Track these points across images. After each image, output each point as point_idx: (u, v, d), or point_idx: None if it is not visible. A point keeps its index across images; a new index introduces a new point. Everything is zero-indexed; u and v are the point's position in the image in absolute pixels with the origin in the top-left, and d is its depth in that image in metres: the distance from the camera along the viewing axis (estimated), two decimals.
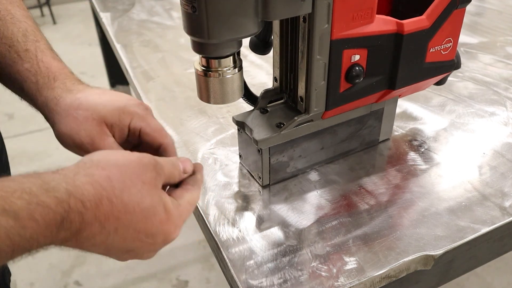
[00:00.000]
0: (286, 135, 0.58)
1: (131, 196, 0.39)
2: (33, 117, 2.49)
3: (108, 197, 0.38)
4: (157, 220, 0.41)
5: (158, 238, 0.43)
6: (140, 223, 0.40)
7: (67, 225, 0.36)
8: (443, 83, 0.71)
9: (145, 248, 0.43)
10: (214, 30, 0.46)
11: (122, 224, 0.39)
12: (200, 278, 1.62)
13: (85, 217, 0.36)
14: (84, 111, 0.51)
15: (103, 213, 0.38)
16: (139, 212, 0.40)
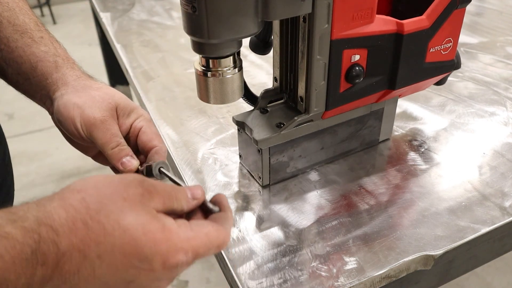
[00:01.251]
0: (286, 135, 0.58)
1: (110, 215, 0.34)
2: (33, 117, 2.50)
3: (83, 220, 0.33)
4: (149, 239, 0.35)
5: (156, 263, 0.35)
6: (127, 246, 0.34)
7: (41, 258, 0.31)
8: (443, 83, 0.71)
9: (146, 277, 0.36)
10: (214, 30, 0.46)
11: (105, 249, 0.33)
12: (200, 278, 1.61)
13: (60, 246, 0.32)
14: (104, 94, 0.52)
15: (80, 239, 0.33)
16: (122, 232, 0.34)
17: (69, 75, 0.54)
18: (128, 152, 0.50)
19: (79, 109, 0.51)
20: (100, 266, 0.34)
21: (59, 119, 0.52)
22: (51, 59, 0.54)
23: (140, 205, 0.36)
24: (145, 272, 0.35)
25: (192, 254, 0.37)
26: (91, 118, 0.50)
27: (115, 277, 0.35)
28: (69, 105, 0.51)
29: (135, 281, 0.36)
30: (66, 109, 0.51)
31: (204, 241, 0.38)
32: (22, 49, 0.54)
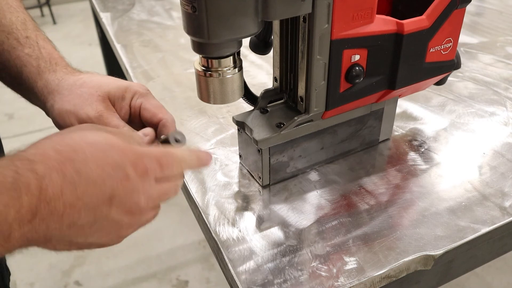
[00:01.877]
0: (286, 135, 0.58)
1: (75, 137, 0.38)
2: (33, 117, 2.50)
3: (52, 147, 0.36)
4: (116, 149, 0.38)
5: (127, 168, 0.38)
6: (98, 157, 0.37)
7: (24, 186, 0.33)
8: (443, 83, 0.71)
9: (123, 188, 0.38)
10: (214, 30, 0.46)
11: (80, 164, 0.36)
12: (200, 278, 1.62)
13: (38, 171, 0.34)
14: (89, 89, 0.51)
15: (55, 160, 0.35)
16: (90, 147, 0.37)
17: (51, 81, 0.53)
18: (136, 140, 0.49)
19: (73, 114, 0.50)
20: (79, 182, 0.36)
21: (59, 129, 0.52)
22: (34, 63, 0.53)
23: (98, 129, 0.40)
24: (121, 182, 0.38)
25: (156, 162, 0.40)
26: (87, 118, 0.49)
27: (95, 193, 0.36)
28: (63, 114, 0.51)
29: (115, 195, 0.37)
30: (62, 119, 0.51)
31: (165, 152, 0.42)
32: (9, 52, 0.53)
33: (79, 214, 0.36)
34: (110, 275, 1.62)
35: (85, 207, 0.36)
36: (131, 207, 0.39)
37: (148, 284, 1.59)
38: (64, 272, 1.62)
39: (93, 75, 0.53)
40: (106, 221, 0.38)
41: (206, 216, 0.57)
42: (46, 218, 0.35)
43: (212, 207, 0.59)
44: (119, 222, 0.39)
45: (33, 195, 0.34)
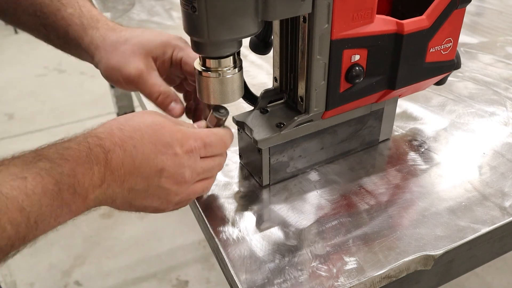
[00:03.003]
0: (286, 135, 0.58)
1: (136, 119, 0.47)
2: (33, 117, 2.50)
3: (117, 127, 0.45)
4: (167, 130, 0.47)
5: (176, 147, 0.47)
6: (152, 136, 0.46)
7: (95, 159, 0.42)
8: (443, 83, 0.71)
9: (172, 162, 0.46)
10: (214, 30, 0.46)
11: (137, 141, 0.45)
12: (200, 278, 1.62)
13: (105, 146, 0.43)
14: (131, 46, 0.55)
15: (118, 137, 0.44)
16: (146, 127, 0.46)
17: (96, 37, 0.57)
18: (172, 98, 0.54)
19: (117, 71, 0.54)
20: (136, 155, 0.44)
21: (109, 82, 0.58)
22: (77, 21, 0.57)
23: (157, 114, 0.49)
24: (170, 157, 0.46)
25: (201, 141, 0.49)
26: (129, 76, 0.54)
27: (149, 165, 0.45)
28: (109, 70, 0.55)
29: (165, 167, 0.46)
30: (109, 74, 0.56)
31: (209, 133, 0.50)
32: (54, 14, 0.58)
33: (135, 181, 0.45)
34: (110, 275, 1.62)
35: (141, 176, 0.45)
36: (177, 178, 0.47)
37: (148, 284, 1.59)
38: (64, 272, 1.62)
39: (133, 31, 0.57)
40: (157, 188, 0.47)
41: (206, 216, 0.57)
42: (111, 183, 0.44)
43: (212, 207, 0.59)
44: (167, 190, 0.48)
45: (101, 165, 0.43)
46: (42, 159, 0.39)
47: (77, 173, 0.41)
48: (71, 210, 0.41)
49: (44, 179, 0.38)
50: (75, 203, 0.41)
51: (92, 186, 0.42)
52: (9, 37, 3.61)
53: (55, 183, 0.39)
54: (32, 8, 0.58)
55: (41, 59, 3.20)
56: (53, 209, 0.39)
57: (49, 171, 0.39)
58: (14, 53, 3.40)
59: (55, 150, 0.41)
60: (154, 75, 0.54)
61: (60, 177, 0.39)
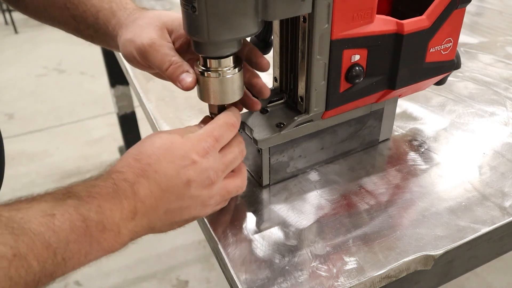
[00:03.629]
0: (286, 135, 0.58)
1: (145, 145, 0.48)
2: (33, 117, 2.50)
3: (132, 158, 0.46)
4: (177, 145, 0.47)
5: (191, 155, 0.47)
6: (167, 155, 0.46)
7: (122, 193, 0.43)
8: (443, 83, 0.71)
9: (194, 171, 0.47)
10: (214, 30, 0.46)
11: (156, 165, 0.46)
12: (200, 278, 1.62)
13: (129, 179, 0.44)
14: (150, 19, 0.55)
15: (138, 168, 0.45)
16: (158, 149, 0.47)
17: (122, 17, 0.57)
18: (184, 69, 0.51)
19: (131, 42, 0.54)
20: (160, 179, 0.45)
21: (125, 58, 0.57)
22: (107, 6, 0.58)
23: (163, 132, 0.50)
24: (191, 167, 0.47)
25: (210, 139, 0.49)
26: (141, 46, 0.53)
27: (175, 183, 0.46)
28: (125, 42, 0.55)
29: (190, 178, 0.47)
30: (124, 48, 0.55)
31: (213, 126, 0.50)
32: (83, 2, 0.58)
33: (168, 202, 0.46)
34: (110, 275, 1.62)
35: (171, 196, 0.46)
36: (204, 182, 0.48)
37: (148, 284, 1.59)
38: None
39: (159, 11, 0.57)
40: (190, 199, 0.48)
41: (205, 216, 0.57)
42: (145, 213, 0.45)
43: None
44: (200, 197, 0.48)
45: (130, 198, 0.43)
46: (71, 196, 0.41)
47: (105, 209, 0.41)
48: (102, 247, 0.42)
49: (72, 216, 0.39)
50: (106, 240, 0.42)
51: (123, 221, 0.43)
52: (9, 37, 3.61)
53: (83, 220, 0.40)
54: (63, 1, 0.59)
55: (41, 59, 3.21)
56: (81, 246, 0.40)
57: (77, 208, 0.40)
58: (14, 53, 3.40)
59: (83, 187, 0.42)
60: (167, 46, 0.53)
61: (87, 213, 0.40)
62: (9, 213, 0.37)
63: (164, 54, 0.52)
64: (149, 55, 0.53)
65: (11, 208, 0.38)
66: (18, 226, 0.36)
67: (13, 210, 0.37)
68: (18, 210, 0.38)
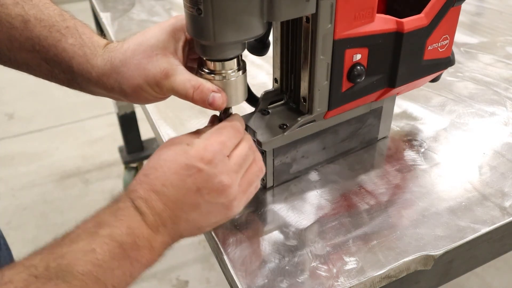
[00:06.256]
0: (290, 136, 0.58)
1: (153, 159, 0.48)
2: (33, 117, 2.50)
3: (142, 173, 0.47)
4: (180, 155, 0.47)
5: (196, 163, 0.46)
6: (172, 167, 0.46)
7: (141, 210, 0.45)
8: (437, 80, 0.71)
9: (202, 179, 0.46)
10: (220, 32, 0.46)
11: (163, 178, 0.46)
12: (200, 278, 1.62)
13: (142, 196, 0.45)
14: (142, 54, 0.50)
15: (147, 183, 0.46)
16: (163, 162, 0.47)
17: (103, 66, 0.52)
18: (208, 89, 0.49)
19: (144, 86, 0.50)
20: (169, 191, 0.46)
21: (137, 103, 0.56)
22: (80, 52, 0.52)
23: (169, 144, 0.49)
24: (197, 175, 0.46)
25: (216, 144, 0.48)
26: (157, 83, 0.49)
27: (185, 194, 0.46)
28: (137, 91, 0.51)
29: (199, 186, 0.46)
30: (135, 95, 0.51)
31: (219, 131, 0.49)
32: (54, 46, 0.53)
33: (185, 212, 0.47)
34: None
35: (185, 206, 0.46)
36: (218, 188, 0.47)
37: (148, 284, 1.59)
38: None
39: (133, 39, 0.52)
40: (208, 205, 0.47)
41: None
42: (166, 225, 0.46)
43: None
44: (218, 203, 0.48)
45: (148, 214, 0.45)
46: (102, 226, 0.42)
47: (134, 229, 0.43)
48: (142, 263, 0.44)
49: (109, 246, 0.41)
50: (144, 256, 0.44)
51: (151, 236, 0.45)
52: None
53: (119, 246, 0.42)
54: (30, 43, 0.52)
55: None
56: (125, 269, 0.43)
57: (111, 237, 0.42)
58: None
59: (110, 213, 0.44)
60: (180, 69, 0.49)
61: (121, 239, 0.42)
62: (56, 262, 0.40)
63: (183, 81, 0.49)
64: (167, 87, 0.50)
65: (56, 256, 0.40)
66: (67, 272, 0.39)
67: (58, 258, 0.40)
68: (62, 257, 0.40)
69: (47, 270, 0.39)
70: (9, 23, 0.52)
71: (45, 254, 0.41)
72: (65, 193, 2.01)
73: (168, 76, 0.49)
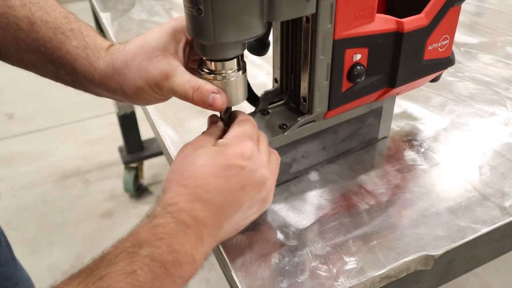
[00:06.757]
0: (290, 136, 0.58)
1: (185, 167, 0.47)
2: (33, 117, 2.50)
3: (179, 185, 0.46)
4: (217, 158, 0.46)
5: (237, 161, 0.46)
6: (211, 171, 0.46)
7: (184, 224, 0.44)
8: (437, 80, 0.71)
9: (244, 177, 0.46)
10: (220, 32, 0.46)
11: (204, 185, 0.45)
12: (200, 278, 1.62)
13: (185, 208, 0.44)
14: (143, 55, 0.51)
15: (189, 194, 0.45)
16: (201, 168, 0.46)
17: (105, 68, 0.52)
18: (208, 91, 0.49)
19: (145, 88, 0.50)
20: (215, 198, 0.45)
21: (137, 103, 0.55)
22: (83, 55, 0.53)
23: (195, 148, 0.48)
24: (240, 174, 0.46)
25: (249, 139, 0.48)
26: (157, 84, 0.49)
27: (231, 195, 0.46)
28: (138, 92, 0.51)
29: (243, 184, 0.46)
30: (136, 96, 0.51)
31: (245, 126, 0.50)
32: (59, 48, 0.53)
33: (230, 215, 0.47)
34: None
35: (230, 208, 0.46)
36: (259, 182, 0.48)
37: None
38: (64, 272, 1.62)
39: (134, 41, 0.53)
40: (250, 202, 0.48)
41: None
42: (211, 233, 0.46)
43: None
44: (259, 197, 0.49)
45: (193, 226, 0.44)
46: (142, 245, 0.41)
47: (176, 247, 0.42)
48: (184, 278, 0.44)
49: (150, 266, 0.40)
50: (186, 272, 0.43)
51: (195, 249, 0.44)
52: None
53: (161, 265, 0.41)
54: (36, 44, 0.53)
55: None
56: (167, 287, 0.42)
57: (152, 257, 0.41)
58: None
59: (148, 232, 0.43)
60: (180, 71, 0.50)
61: (163, 258, 0.41)
62: (95, 285, 0.38)
63: (183, 82, 0.49)
64: (168, 88, 0.50)
65: (95, 279, 0.39)
66: None
67: (98, 281, 0.39)
68: (101, 278, 0.39)
69: None
70: (16, 25, 0.53)
71: (83, 277, 0.39)
72: (65, 193, 2.01)
73: (168, 77, 0.49)
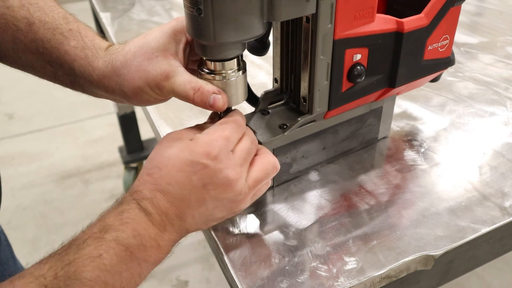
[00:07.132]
0: (290, 136, 0.58)
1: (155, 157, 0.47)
2: (33, 117, 2.50)
3: (146, 173, 0.47)
4: (184, 152, 0.46)
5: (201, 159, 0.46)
6: (177, 165, 0.46)
7: (146, 211, 0.45)
8: (437, 80, 0.71)
9: (207, 175, 0.46)
10: (220, 32, 0.46)
11: (168, 177, 0.46)
12: (200, 278, 1.62)
13: (147, 196, 0.45)
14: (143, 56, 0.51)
15: (151, 183, 0.46)
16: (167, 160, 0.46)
17: (104, 68, 0.52)
18: (208, 91, 0.49)
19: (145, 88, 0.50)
20: (174, 190, 0.46)
21: (138, 105, 0.55)
22: (82, 55, 0.53)
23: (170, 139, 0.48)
24: (203, 171, 0.46)
25: (221, 139, 0.47)
26: (157, 85, 0.49)
27: (191, 190, 0.46)
28: (138, 92, 0.51)
29: (205, 182, 0.46)
30: (137, 97, 0.51)
31: (223, 125, 0.49)
32: (57, 48, 0.53)
33: (191, 208, 0.46)
34: None
35: (191, 202, 0.46)
36: (224, 183, 0.46)
37: (148, 284, 1.59)
38: None
39: (134, 41, 0.53)
40: (214, 201, 0.47)
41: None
42: (173, 223, 0.46)
43: None
44: (224, 198, 0.47)
45: (154, 214, 0.45)
46: (108, 230, 0.42)
47: (140, 231, 0.44)
48: (150, 262, 0.45)
49: (116, 250, 0.42)
50: (152, 256, 0.45)
51: (158, 235, 0.45)
52: None
53: (126, 249, 0.42)
54: (34, 45, 0.53)
55: None
56: (133, 270, 0.43)
57: (117, 241, 0.42)
58: None
59: (114, 217, 0.44)
60: (181, 71, 0.49)
61: (127, 241, 0.43)
62: (64, 270, 0.40)
63: (183, 83, 0.49)
64: (168, 89, 0.50)
65: (63, 264, 0.40)
66: (75, 280, 0.39)
67: (66, 266, 0.40)
68: (70, 264, 0.40)
69: (55, 278, 0.39)
70: (14, 25, 0.53)
71: (53, 262, 0.40)
72: (65, 193, 2.01)
73: (169, 77, 0.49)
